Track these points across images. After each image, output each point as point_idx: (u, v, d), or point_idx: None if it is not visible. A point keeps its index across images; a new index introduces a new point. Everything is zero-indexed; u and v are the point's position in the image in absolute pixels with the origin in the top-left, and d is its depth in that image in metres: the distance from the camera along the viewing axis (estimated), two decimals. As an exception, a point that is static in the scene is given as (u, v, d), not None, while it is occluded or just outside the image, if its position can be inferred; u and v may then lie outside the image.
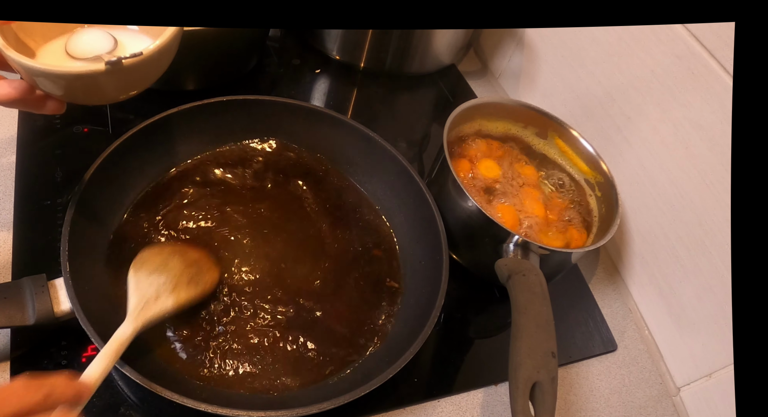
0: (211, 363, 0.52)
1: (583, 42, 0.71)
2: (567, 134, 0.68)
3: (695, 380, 0.60)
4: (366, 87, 0.85)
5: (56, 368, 0.51)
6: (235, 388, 0.51)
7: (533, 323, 0.51)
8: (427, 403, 0.56)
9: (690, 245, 0.59)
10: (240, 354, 0.53)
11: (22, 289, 0.48)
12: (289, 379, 0.53)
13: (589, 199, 0.67)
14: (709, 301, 0.58)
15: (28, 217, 0.60)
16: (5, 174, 0.63)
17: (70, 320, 0.48)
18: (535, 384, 0.48)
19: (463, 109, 0.65)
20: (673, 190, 0.61)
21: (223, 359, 0.52)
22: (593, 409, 0.60)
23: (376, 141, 0.66)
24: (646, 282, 0.67)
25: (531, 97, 0.82)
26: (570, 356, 0.62)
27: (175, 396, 0.44)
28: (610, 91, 0.68)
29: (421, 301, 0.57)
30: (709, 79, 0.54)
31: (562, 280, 0.67)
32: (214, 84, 0.73)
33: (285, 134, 0.69)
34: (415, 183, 0.63)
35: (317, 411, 0.46)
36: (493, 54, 0.90)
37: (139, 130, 0.59)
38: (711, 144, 0.55)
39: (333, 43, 0.83)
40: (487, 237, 0.59)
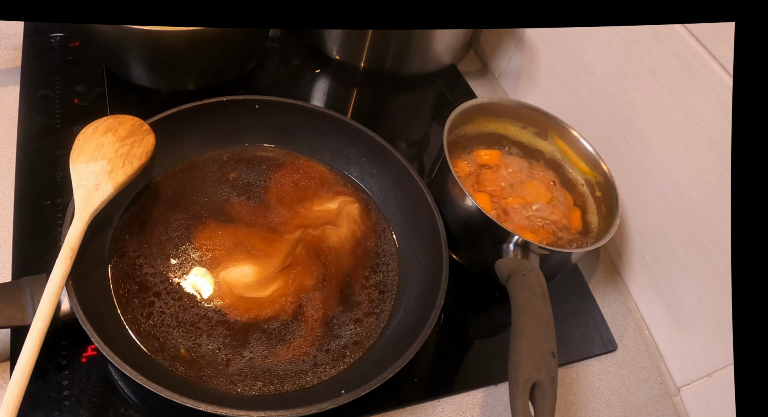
0: (212, 363, 0.52)
1: (583, 42, 0.71)
2: (567, 134, 0.68)
3: (695, 380, 0.60)
4: (366, 87, 0.85)
5: (56, 368, 0.51)
6: (236, 388, 0.51)
7: (533, 323, 0.51)
8: (427, 403, 0.56)
9: (690, 245, 0.59)
10: (240, 354, 0.53)
11: (22, 289, 0.48)
12: (289, 378, 0.53)
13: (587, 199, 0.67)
14: (709, 301, 0.58)
15: (28, 217, 0.60)
16: (5, 174, 0.63)
17: (70, 320, 0.48)
18: (535, 384, 0.48)
19: (463, 109, 0.65)
20: (673, 190, 0.61)
21: (223, 359, 0.52)
22: (593, 409, 0.60)
23: (376, 141, 0.66)
24: (646, 282, 0.67)
25: (531, 97, 0.82)
26: (570, 356, 0.62)
27: (175, 396, 0.44)
28: (610, 91, 0.68)
29: (421, 301, 0.57)
30: (709, 79, 0.54)
31: (562, 280, 0.67)
32: (214, 84, 0.73)
33: (285, 134, 0.69)
34: (415, 183, 0.63)
35: (317, 411, 0.46)
36: (493, 54, 0.90)
37: (139, 130, 0.59)
38: (711, 144, 0.55)
39: (333, 43, 0.83)
40: (487, 237, 0.59)
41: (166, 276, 0.56)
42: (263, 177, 0.66)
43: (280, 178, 0.67)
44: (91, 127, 0.57)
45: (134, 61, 0.69)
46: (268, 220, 0.63)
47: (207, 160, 0.66)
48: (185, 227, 0.60)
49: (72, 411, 0.49)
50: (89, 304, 0.48)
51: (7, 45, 0.76)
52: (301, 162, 0.69)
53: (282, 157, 0.69)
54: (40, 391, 0.49)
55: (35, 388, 0.49)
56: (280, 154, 0.69)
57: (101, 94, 0.72)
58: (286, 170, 0.68)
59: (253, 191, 0.65)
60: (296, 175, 0.67)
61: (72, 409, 0.49)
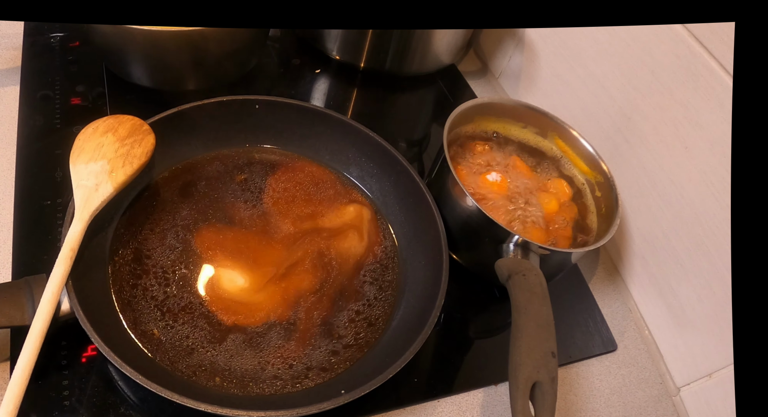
0: (212, 363, 0.52)
1: (583, 42, 0.71)
2: (567, 134, 0.68)
3: (695, 380, 0.60)
4: (366, 87, 0.85)
5: (56, 368, 0.51)
6: (236, 388, 0.51)
7: (533, 323, 0.51)
8: (427, 403, 0.56)
9: (690, 245, 0.59)
10: (240, 354, 0.53)
11: (22, 289, 0.48)
12: (289, 379, 0.53)
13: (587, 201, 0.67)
14: (709, 301, 0.58)
15: (28, 217, 0.60)
16: (5, 174, 0.63)
17: (70, 320, 0.48)
18: (535, 384, 0.48)
19: (463, 109, 0.65)
20: (673, 190, 0.61)
21: (223, 359, 0.52)
22: (593, 409, 0.60)
23: (376, 141, 0.66)
24: (646, 282, 0.67)
25: (531, 97, 0.82)
26: (570, 356, 0.62)
27: (175, 396, 0.44)
28: (610, 91, 0.68)
29: (421, 301, 0.57)
30: (709, 79, 0.54)
31: (562, 280, 0.67)
32: (214, 84, 0.73)
33: (285, 134, 0.69)
34: (415, 183, 0.63)
35: (317, 411, 0.46)
36: (493, 54, 0.90)
37: (139, 130, 0.59)
38: (711, 144, 0.55)
39: (333, 43, 0.83)
40: (487, 237, 0.59)
41: (166, 276, 0.56)
42: (263, 177, 0.66)
43: (280, 178, 0.67)
44: (91, 127, 0.57)
45: (134, 61, 0.69)
46: (267, 222, 0.63)
47: (207, 161, 0.66)
48: (185, 228, 0.60)
49: (72, 411, 0.49)
50: (89, 304, 0.48)
51: (7, 45, 0.76)
52: (301, 162, 0.69)
53: (282, 157, 0.69)
54: (40, 391, 0.49)
55: (35, 388, 0.49)
56: (280, 155, 0.69)
57: (101, 94, 0.72)
58: (285, 170, 0.68)
59: (252, 192, 0.65)
60: (295, 176, 0.67)
61: (72, 409, 0.49)
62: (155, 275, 0.56)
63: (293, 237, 0.62)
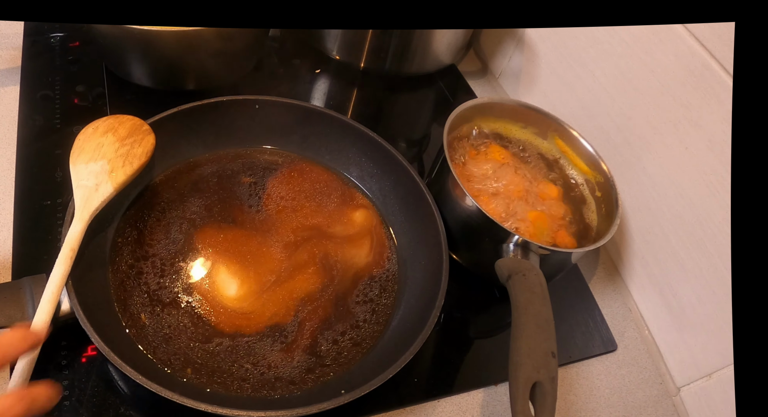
0: (212, 363, 0.52)
1: (583, 42, 0.71)
2: (567, 134, 0.68)
3: (695, 380, 0.60)
4: (366, 87, 0.85)
5: (56, 368, 0.51)
6: (235, 388, 0.51)
7: (533, 323, 0.51)
8: (427, 403, 0.56)
9: (690, 245, 0.59)
10: (240, 355, 0.53)
11: (22, 289, 0.48)
12: (288, 379, 0.53)
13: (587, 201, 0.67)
14: (709, 301, 0.58)
15: (28, 217, 0.60)
16: (5, 174, 0.63)
17: (70, 320, 0.48)
18: (535, 384, 0.48)
19: (463, 109, 0.65)
20: (673, 190, 0.61)
21: (224, 360, 0.52)
22: (593, 409, 0.60)
23: (376, 141, 0.66)
24: (646, 282, 0.67)
25: (531, 97, 0.82)
26: (570, 356, 0.62)
27: (175, 396, 0.44)
28: (610, 91, 0.68)
29: (421, 302, 0.57)
30: (709, 79, 0.54)
31: (562, 280, 0.67)
32: (214, 84, 0.73)
33: (284, 134, 0.69)
34: (415, 183, 0.63)
35: (317, 411, 0.46)
36: (493, 54, 0.90)
37: (139, 130, 0.59)
38: (711, 144, 0.55)
39: (333, 43, 0.83)
40: (487, 237, 0.59)
41: (165, 277, 0.56)
42: (263, 178, 0.66)
43: (280, 178, 0.67)
44: (91, 127, 0.57)
45: (134, 61, 0.69)
46: (267, 223, 0.63)
47: (207, 161, 0.67)
48: (185, 228, 0.60)
49: (72, 411, 0.49)
50: (89, 304, 0.48)
51: (7, 45, 0.76)
52: (301, 162, 0.69)
53: (281, 157, 0.69)
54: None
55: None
56: (280, 155, 0.69)
57: (101, 94, 0.72)
58: (285, 171, 0.68)
59: (252, 192, 0.65)
60: (295, 176, 0.67)
61: (72, 409, 0.49)
62: (155, 275, 0.56)
63: (292, 239, 0.62)
